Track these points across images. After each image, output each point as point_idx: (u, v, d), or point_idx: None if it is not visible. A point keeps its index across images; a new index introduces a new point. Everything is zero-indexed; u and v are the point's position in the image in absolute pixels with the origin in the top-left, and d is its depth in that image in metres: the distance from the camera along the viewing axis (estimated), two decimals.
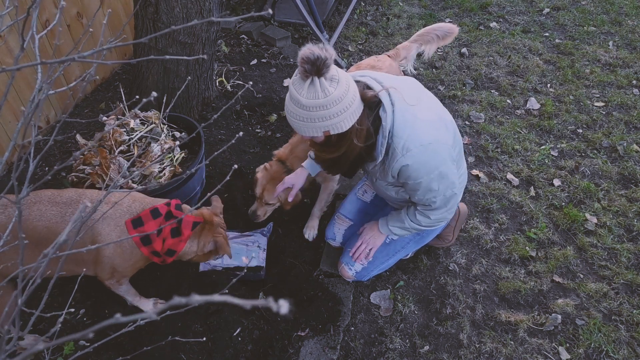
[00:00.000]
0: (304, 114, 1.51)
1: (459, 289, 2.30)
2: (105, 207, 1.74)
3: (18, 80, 2.68)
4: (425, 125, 1.64)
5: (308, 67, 1.44)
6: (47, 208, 1.67)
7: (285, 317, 2.13)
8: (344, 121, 1.54)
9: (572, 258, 2.42)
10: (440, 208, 1.82)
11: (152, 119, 2.42)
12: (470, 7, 4.62)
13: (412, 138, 1.62)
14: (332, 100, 1.48)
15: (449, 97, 3.53)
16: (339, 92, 1.48)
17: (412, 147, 1.62)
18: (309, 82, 1.47)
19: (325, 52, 1.43)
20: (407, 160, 1.63)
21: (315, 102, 1.48)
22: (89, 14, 3.08)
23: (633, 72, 3.74)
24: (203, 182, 2.65)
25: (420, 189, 1.73)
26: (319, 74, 1.46)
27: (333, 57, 1.46)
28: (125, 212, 1.78)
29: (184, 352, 1.99)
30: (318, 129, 1.54)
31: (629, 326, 2.14)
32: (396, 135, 1.63)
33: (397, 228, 2.02)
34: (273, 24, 4.15)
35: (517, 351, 2.06)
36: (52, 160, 2.84)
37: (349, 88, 1.51)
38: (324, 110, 1.49)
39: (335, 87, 1.48)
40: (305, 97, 1.48)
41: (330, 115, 1.50)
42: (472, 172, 2.92)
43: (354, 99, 1.54)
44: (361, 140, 1.63)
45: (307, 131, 1.57)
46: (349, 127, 1.56)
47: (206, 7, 2.68)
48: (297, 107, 1.51)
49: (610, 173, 2.89)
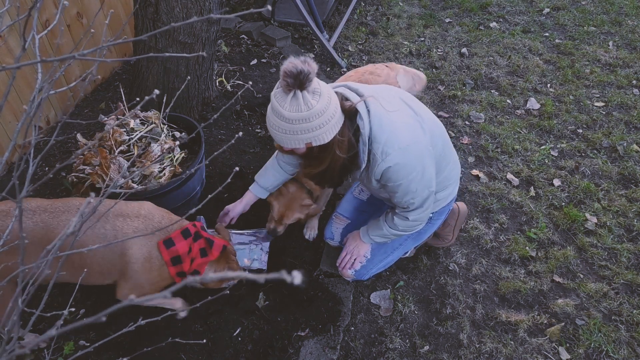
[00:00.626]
0: (286, 126, 1.53)
1: (459, 289, 2.30)
2: (137, 221, 1.73)
3: (18, 80, 2.68)
4: (401, 128, 1.68)
5: (291, 80, 1.46)
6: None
7: (285, 317, 2.13)
8: (326, 133, 1.57)
9: (572, 258, 2.42)
10: (418, 208, 1.85)
11: (152, 119, 2.42)
12: (470, 7, 4.62)
13: (389, 142, 1.65)
14: (315, 113, 1.50)
15: (449, 97, 3.53)
16: (321, 105, 1.51)
17: (391, 150, 1.65)
18: (292, 96, 1.49)
19: (308, 66, 1.46)
20: (388, 163, 1.66)
21: (298, 115, 1.50)
22: (89, 14, 3.09)
23: (633, 72, 3.74)
24: (203, 182, 2.65)
25: (399, 191, 1.76)
26: (301, 88, 1.48)
27: (315, 70, 1.49)
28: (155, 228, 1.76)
29: (184, 352, 1.99)
30: (300, 140, 1.57)
31: (629, 326, 2.14)
32: (375, 141, 1.66)
33: (377, 236, 2.05)
34: (273, 24, 4.16)
35: (517, 351, 2.06)
36: (52, 160, 2.84)
37: (330, 100, 1.54)
38: (306, 123, 1.52)
39: (317, 100, 1.51)
40: (288, 110, 1.50)
41: (313, 127, 1.53)
42: (472, 172, 2.92)
43: (335, 111, 1.57)
44: (343, 150, 1.66)
45: (289, 143, 1.59)
46: (330, 139, 1.59)
47: (206, 7, 2.68)
48: (279, 119, 1.54)
49: (610, 173, 2.89)
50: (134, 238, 1.68)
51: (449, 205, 2.13)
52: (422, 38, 4.22)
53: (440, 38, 4.22)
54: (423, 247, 2.46)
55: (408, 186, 1.73)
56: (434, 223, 2.15)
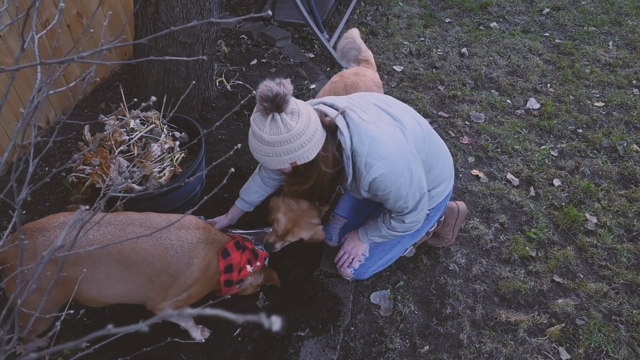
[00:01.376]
0: (268, 149, 1.54)
1: (459, 289, 2.30)
2: (197, 232, 1.79)
3: (18, 80, 2.68)
4: (381, 138, 1.67)
5: (267, 104, 1.47)
6: (139, 230, 1.70)
7: (285, 317, 2.13)
8: (309, 151, 1.57)
9: (572, 258, 2.42)
10: (412, 211, 1.85)
11: (152, 119, 2.42)
12: (470, 7, 4.62)
13: (371, 154, 1.65)
14: (295, 134, 1.51)
15: (449, 97, 3.53)
16: (300, 125, 1.51)
17: (374, 162, 1.65)
18: (270, 119, 1.50)
19: (283, 88, 1.46)
20: (373, 174, 1.66)
21: (279, 138, 1.50)
22: (89, 14, 3.09)
23: (633, 72, 3.74)
24: (203, 182, 2.65)
25: (390, 198, 1.76)
26: (279, 110, 1.48)
27: (291, 92, 1.49)
28: (215, 240, 1.85)
29: (184, 352, 1.99)
30: (284, 161, 1.57)
31: (629, 326, 2.14)
32: (357, 154, 1.67)
33: (376, 237, 2.05)
34: (273, 24, 4.16)
35: (517, 351, 2.06)
36: (52, 160, 2.84)
37: (310, 119, 1.55)
38: (288, 145, 1.52)
39: (296, 120, 1.51)
40: (268, 133, 1.51)
41: (295, 147, 1.53)
42: (472, 172, 2.92)
43: (316, 129, 1.57)
44: (329, 166, 1.67)
45: (274, 164, 1.60)
46: (314, 156, 1.60)
47: (206, 7, 2.68)
48: (261, 143, 1.54)
49: (610, 173, 2.89)
50: (198, 248, 1.77)
51: (445, 201, 2.13)
52: (422, 38, 4.22)
53: (440, 38, 4.22)
54: (423, 247, 2.46)
55: (398, 192, 1.73)
56: (431, 219, 2.15)
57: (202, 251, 1.78)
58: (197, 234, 1.79)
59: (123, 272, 1.65)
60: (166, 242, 1.71)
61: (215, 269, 1.85)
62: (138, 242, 1.66)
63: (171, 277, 1.73)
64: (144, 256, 1.66)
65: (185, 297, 1.82)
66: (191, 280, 1.77)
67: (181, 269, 1.73)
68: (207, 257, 1.80)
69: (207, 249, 1.80)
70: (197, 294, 1.85)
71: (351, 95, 1.88)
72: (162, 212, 2.37)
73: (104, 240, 1.62)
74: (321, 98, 1.84)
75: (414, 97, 3.50)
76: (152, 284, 1.72)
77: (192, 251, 1.75)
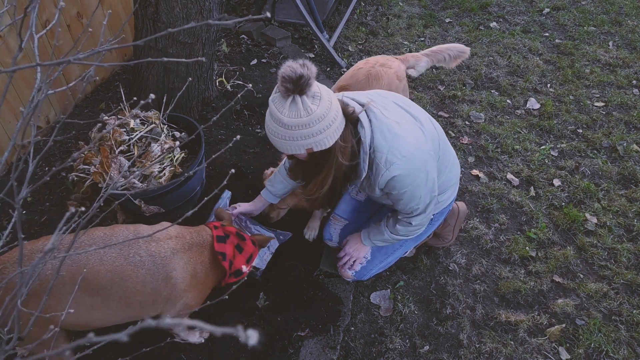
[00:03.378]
0: (285, 132, 1.49)
1: (459, 289, 2.30)
2: (170, 242, 1.67)
3: (18, 80, 2.68)
4: (404, 136, 1.65)
5: (290, 85, 1.41)
6: (105, 251, 1.55)
7: (285, 317, 2.13)
8: (327, 138, 1.52)
9: (572, 258, 2.42)
10: (421, 213, 1.83)
11: (152, 119, 2.42)
12: (470, 7, 4.62)
13: (392, 151, 1.62)
14: (315, 118, 1.45)
15: (449, 97, 3.53)
16: (321, 110, 1.46)
17: (395, 159, 1.62)
18: (291, 101, 1.45)
19: (308, 70, 1.41)
20: (392, 172, 1.63)
21: (298, 121, 1.45)
22: (89, 14, 3.08)
23: (633, 72, 3.74)
24: (203, 182, 2.65)
25: (404, 198, 1.73)
26: (300, 93, 1.43)
27: (315, 74, 1.44)
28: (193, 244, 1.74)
29: (184, 352, 1.99)
30: (301, 146, 1.52)
31: (629, 326, 2.14)
32: (377, 150, 1.63)
33: (378, 241, 2.03)
34: (273, 24, 4.15)
35: (517, 351, 2.06)
36: (52, 160, 2.84)
37: (331, 104, 1.50)
38: (306, 129, 1.47)
39: (317, 104, 1.46)
40: (287, 115, 1.45)
41: (313, 133, 1.48)
42: (472, 172, 2.92)
43: (336, 116, 1.52)
44: (346, 157, 1.62)
45: (290, 149, 1.55)
46: (332, 144, 1.55)
47: (206, 7, 2.68)
48: (278, 125, 1.49)
49: (610, 173, 2.89)
50: (175, 259, 1.64)
51: (449, 207, 2.13)
52: (422, 38, 4.22)
53: (440, 38, 4.22)
54: (423, 247, 2.46)
55: (413, 193, 1.70)
56: (433, 223, 2.15)
57: (179, 261, 1.65)
58: (170, 245, 1.65)
59: (93, 298, 1.51)
60: (135, 260, 1.56)
61: (205, 271, 1.75)
62: (102, 264, 1.51)
63: (150, 296, 1.60)
64: (111, 279, 1.52)
65: (183, 308, 1.74)
66: (178, 293, 1.67)
67: (159, 286, 1.61)
68: (190, 264, 1.69)
69: (186, 257, 1.68)
70: (195, 301, 1.77)
71: (370, 92, 1.85)
72: (163, 211, 2.38)
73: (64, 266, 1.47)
74: (343, 92, 1.80)
75: (414, 97, 3.50)
76: (130, 307, 1.59)
77: (167, 265, 1.61)
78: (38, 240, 1.58)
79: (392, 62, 2.49)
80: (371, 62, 2.46)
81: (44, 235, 2.43)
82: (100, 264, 1.51)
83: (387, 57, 2.54)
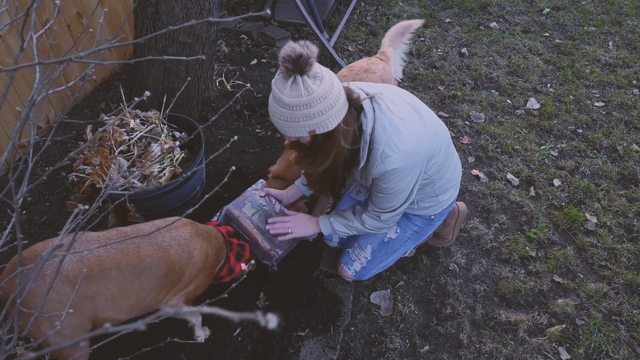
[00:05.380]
0: (287, 113, 1.48)
1: (459, 289, 2.30)
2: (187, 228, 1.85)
3: (18, 80, 2.68)
4: (405, 133, 1.64)
5: (290, 65, 1.41)
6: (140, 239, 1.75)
7: (285, 317, 2.13)
8: (330, 119, 1.51)
9: (572, 258, 2.42)
10: (392, 211, 1.82)
11: (152, 119, 2.42)
12: (470, 7, 4.62)
13: (390, 145, 1.62)
14: (316, 98, 1.45)
15: (449, 97, 3.53)
16: (322, 90, 1.45)
17: (391, 153, 1.62)
18: (292, 81, 1.44)
19: (307, 50, 1.40)
20: (387, 166, 1.63)
21: (299, 101, 1.45)
22: (89, 14, 3.08)
23: (633, 72, 3.74)
24: (203, 182, 2.65)
25: (387, 194, 1.73)
26: (301, 72, 1.43)
27: (315, 55, 1.43)
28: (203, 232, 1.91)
29: (184, 352, 1.99)
30: (303, 128, 1.51)
31: (629, 326, 2.14)
32: (375, 142, 1.63)
33: (340, 225, 1.98)
34: (273, 24, 4.15)
35: (517, 351, 2.06)
36: (52, 160, 2.84)
37: (332, 85, 1.49)
38: (308, 109, 1.46)
39: (318, 84, 1.45)
40: (288, 96, 1.45)
41: (315, 113, 1.47)
42: (472, 172, 2.92)
43: (338, 97, 1.51)
44: (348, 141, 1.61)
45: (292, 131, 1.54)
46: (334, 126, 1.54)
47: (206, 7, 2.68)
48: (280, 106, 1.49)
49: (610, 173, 2.89)
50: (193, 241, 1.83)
51: (450, 207, 2.13)
52: (422, 38, 4.22)
53: (440, 38, 4.22)
54: (423, 247, 2.46)
55: (397, 189, 1.72)
56: (434, 224, 2.15)
57: (197, 243, 1.84)
58: (188, 229, 1.84)
59: (134, 282, 1.66)
60: (164, 244, 1.75)
61: (213, 257, 1.91)
62: (140, 250, 1.68)
63: (177, 275, 1.78)
64: (150, 262, 1.68)
65: (194, 288, 1.87)
66: (196, 271, 1.84)
67: (185, 264, 1.79)
68: (203, 247, 1.86)
69: (201, 240, 1.86)
70: (203, 283, 1.91)
71: (380, 85, 1.84)
72: (163, 211, 2.38)
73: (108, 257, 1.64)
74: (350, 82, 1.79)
75: None
76: (162, 287, 1.75)
77: (189, 245, 1.80)
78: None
79: (376, 65, 2.47)
80: (355, 68, 2.44)
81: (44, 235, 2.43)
82: (139, 249, 1.69)
83: (371, 61, 2.52)
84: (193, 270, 1.83)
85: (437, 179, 1.89)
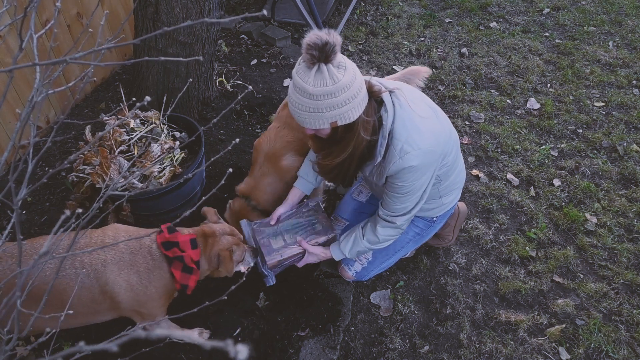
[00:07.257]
0: (310, 103, 1.45)
1: (459, 289, 2.30)
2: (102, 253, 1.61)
3: (18, 80, 2.68)
4: (424, 131, 1.63)
5: (316, 53, 1.38)
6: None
7: (285, 317, 2.13)
8: (352, 110, 1.49)
9: (572, 258, 2.42)
10: (406, 214, 1.80)
11: (152, 119, 2.42)
12: (470, 7, 4.62)
13: (409, 141, 1.60)
14: (341, 87, 1.42)
15: (449, 97, 3.52)
16: (347, 79, 1.43)
17: (410, 149, 1.60)
18: (316, 70, 1.41)
19: (333, 37, 1.38)
20: (406, 163, 1.61)
21: (324, 90, 1.41)
22: (89, 14, 3.08)
23: (633, 72, 3.74)
24: (203, 182, 2.65)
25: (403, 193, 1.71)
26: (327, 61, 1.40)
27: (340, 43, 1.41)
28: (127, 252, 1.65)
29: (183, 352, 1.99)
30: (325, 119, 1.48)
31: (629, 326, 2.14)
32: (395, 137, 1.62)
33: (352, 252, 1.95)
34: (273, 24, 4.15)
35: (517, 351, 2.06)
36: (52, 160, 2.84)
37: (356, 75, 1.47)
38: (332, 99, 1.43)
39: (343, 73, 1.42)
40: (312, 85, 1.42)
41: (339, 103, 1.44)
42: (472, 172, 2.92)
43: (360, 88, 1.49)
44: (368, 132, 1.59)
45: (314, 123, 1.50)
46: (356, 117, 1.51)
47: (206, 7, 2.68)
48: (303, 97, 1.45)
49: (610, 173, 2.89)
50: (108, 269, 1.58)
51: (452, 210, 2.13)
52: (422, 38, 4.21)
53: (440, 38, 4.21)
54: (423, 247, 2.46)
55: (413, 187, 1.69)
56: (435, 226, 2.15)
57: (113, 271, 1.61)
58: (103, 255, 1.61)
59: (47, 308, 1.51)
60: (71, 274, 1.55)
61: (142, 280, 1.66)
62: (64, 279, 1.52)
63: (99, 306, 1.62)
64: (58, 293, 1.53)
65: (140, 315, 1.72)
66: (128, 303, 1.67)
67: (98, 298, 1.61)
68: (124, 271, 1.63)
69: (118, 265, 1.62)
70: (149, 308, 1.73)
71: (399, 82, 1.83)
72: (163, 211, 2.37)
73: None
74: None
75: None
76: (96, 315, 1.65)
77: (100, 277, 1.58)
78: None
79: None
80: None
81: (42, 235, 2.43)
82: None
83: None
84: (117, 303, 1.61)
85: (444, 179, 1.89)
